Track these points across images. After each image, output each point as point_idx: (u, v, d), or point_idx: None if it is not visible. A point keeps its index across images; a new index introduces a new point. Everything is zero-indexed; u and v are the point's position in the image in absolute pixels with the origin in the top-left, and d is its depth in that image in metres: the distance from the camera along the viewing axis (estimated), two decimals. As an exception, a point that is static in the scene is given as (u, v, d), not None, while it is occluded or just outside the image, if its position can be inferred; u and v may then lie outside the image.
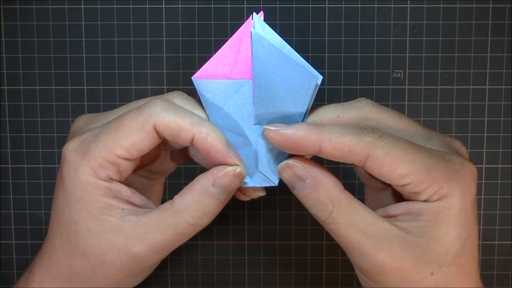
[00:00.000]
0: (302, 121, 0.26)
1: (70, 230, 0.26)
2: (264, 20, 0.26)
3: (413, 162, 0.24)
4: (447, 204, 0.24)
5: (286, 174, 0.26)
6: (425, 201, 0.24)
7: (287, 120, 0.26)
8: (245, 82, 0.26)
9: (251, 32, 0.25)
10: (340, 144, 0.24)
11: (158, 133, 0.25)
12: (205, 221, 0.26)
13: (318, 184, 0.25)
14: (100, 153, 0.25)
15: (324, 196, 0.25)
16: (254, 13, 0.26)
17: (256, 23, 0.25)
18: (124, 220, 0.26)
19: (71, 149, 0.26)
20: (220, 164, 0.25)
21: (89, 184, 0.25)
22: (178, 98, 0.27)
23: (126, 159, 0.25)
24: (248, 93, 0.26)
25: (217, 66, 0.26)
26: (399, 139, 0.24)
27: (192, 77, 0.26)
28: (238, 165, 0.25)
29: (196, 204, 0.25)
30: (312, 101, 0.26)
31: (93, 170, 0.25)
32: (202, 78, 0.26)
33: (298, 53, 0.26)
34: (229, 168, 0.26)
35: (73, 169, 0.26)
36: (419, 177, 0.24)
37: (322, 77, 0.26)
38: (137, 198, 0.27)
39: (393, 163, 0.24)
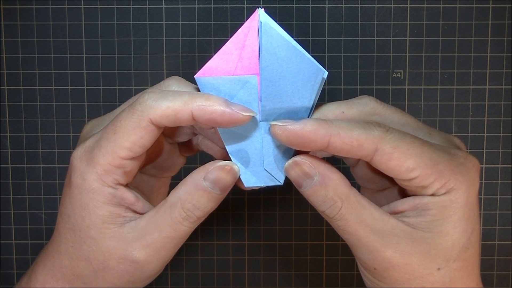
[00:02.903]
0: (308, 117, 0.26)
1: (75, 236, 0.26)
2: (268, 15, 0.26)
3: (420, 155, 0.24)
4: (454, 197, 0.24)
5: (294, 172, 0.26)
6: (432, 195, 0.24)
7: (293, 115, 0.26)
8: (251, 77, 0.25)
9: (260, 22, 0.25)
10: (348, 138, 0.24)
11: (156, 125, 0.25)
12: (197, 214, 0.26)
13: (327, 181, 0.25)
14: (104, 159, 0.25)
15: (332, 192, 0.25)
16: (259, 8, 0.25)
17: (262, 17, 0.25)
18: (123, 226, 0.26)
19: (77, 157, 0.26)
20: (232, 126, 0.25)
21: (95, 191, 0.25)
22: (175, 85, 0.27)
23: (131, 158, 0.25)
24: (254, 89, 0.25)
25: (220, 63, 0.26)
26: (404, 133, 0.25)
27: (194, 76, 0.26)
28: (250, 116, 0.24)
29: (188, 196, 0.25)
30: (318, 96, 0.26)
31: (99, 177, 0.25)
32: (205, 76, 0.26)
33: (304, 49, 0.26)
34: (220, 163, 0.26)
35: (81, 177, 0.26)
36: (426, 170, 0.24)
37: (328, 72, 0.26)
38: (140, 205, 0.27)
39: (401, 157, 0.24)
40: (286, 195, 0.40)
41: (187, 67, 0.39)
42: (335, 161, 0.36)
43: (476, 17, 0.38)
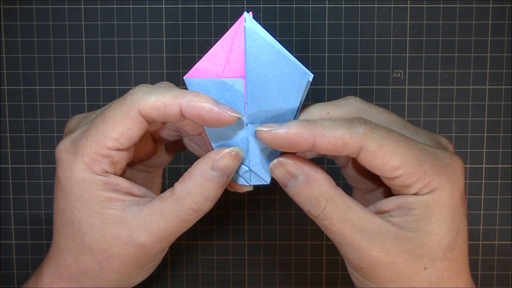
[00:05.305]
0: (294, 119, 0.26)
1: (74, 229, 0.26)
2: (254, 19, 0.26)
3: (405, 154, 0.24)
4: (437, 197, 0.24)
5: (278, 172, 0.26)
6: (415, 194, 0.25)
7: (279, 118, 0.26)
8: (237, 80, 0.26)
9: (244, 27, 0.25)
10: (333, 138, 0.24)
11: (145, 118, 0.25)
12: (207, 206, 0.26)
13: (311, 180, 0.25)
14: (91, 148, 0.25)
15: (317, 192, 0.25)
16: (245, 12, 0.26)
17: (248, 21, 0.25)
18: (126, 212, 0.26)
19: (63, 149, 0.26)
20: (219, 125, 0.25)
21: (85, 181, 0.25)
22: (164, 85, 0.27)
23: (117, 149, 0.25)
24: (241, 92, 0.26)
25: (209, 65, 0.26)
26: (391, 131, 0.25)
27: (184, 77, 0.26)
28: (237, 117, 0.25)
29: (197, 189, 0.25)
30: (303, 99, 0.26)
31: (87, 166, 0.25)
32: (194, 77, 0.26)
33: (290, 52, 0.26)
34: (226, 150, 0.26)
35: (68, 168, 0.26)
36: (410, 169, 0.24)
37: (313, 75, 0.26)
38: (136, 189, 0.27)
39: (386, 156, 0.24)
40: (286, 195, 0.40)
41: (187, 67, 0.39)
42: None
43: (476, 17, 0.38)
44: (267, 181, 0.27)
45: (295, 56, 0.26)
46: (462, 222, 0.25)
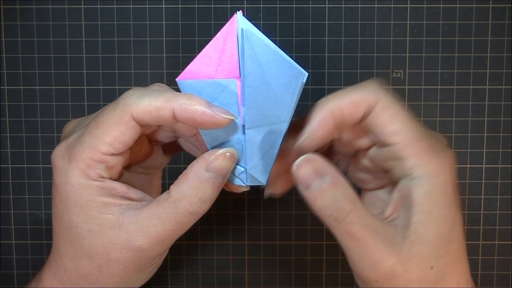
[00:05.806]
0: (289, 120, 0.26)
1: (72, 234, 0.26)
2: (247, 18, 0.26)
3: (406, 124, 0.24)
4: (435, 181, 0.24)
5: (305, 170, 0.24)
6: (409, 175, 0.24)
7: (275, 119, 0.26)
8: (230, 81, 0.25)
9: (242, 30, 0.25)
10: (351, 101, 0.25)
11: (138, 122, 0.25)
12: (203, 207, 0.26)
13: (338, 181, 0.24)
14: (85, 154, 0.25)
15: (342, 194, 0.24)
16: (237, 13, 0.25)
17: (240, 22, 0.25)
18: (123, 216, 0.26)
19: (58, 155, 0.26)
20: (212, 127, 0.25)
21: (82, 187, 0.25)
22: (157, 88, 0.27)
23: (112, 154, 0.25)
24: (235, 92, 0.25)
25: (201, 66, 0.26)
26: (397, 100, 0.25)
27: (176, 79, 0.26)
28: (230, 119, 0.25)
29: (193, 191, 0.25)
30: (298, 98, 0.26)
31: (82, 172, 0.25)
32: (187, 79, 0.26)
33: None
34: (220, 151, 0.26)
35: (64, 174, 0.26)
36: (407, 140, 0.24)
37: (308, 74, 0.26)
38: (133, 192, 0.27)
39: (389, 117, 0.24)
40: (286, 195, 0.40)
41: (187, 67, 0.39)
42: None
43: (476, 17, 0.38)
44: (263, 181, 0.27)
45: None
46: (457, 213, 0.25)
